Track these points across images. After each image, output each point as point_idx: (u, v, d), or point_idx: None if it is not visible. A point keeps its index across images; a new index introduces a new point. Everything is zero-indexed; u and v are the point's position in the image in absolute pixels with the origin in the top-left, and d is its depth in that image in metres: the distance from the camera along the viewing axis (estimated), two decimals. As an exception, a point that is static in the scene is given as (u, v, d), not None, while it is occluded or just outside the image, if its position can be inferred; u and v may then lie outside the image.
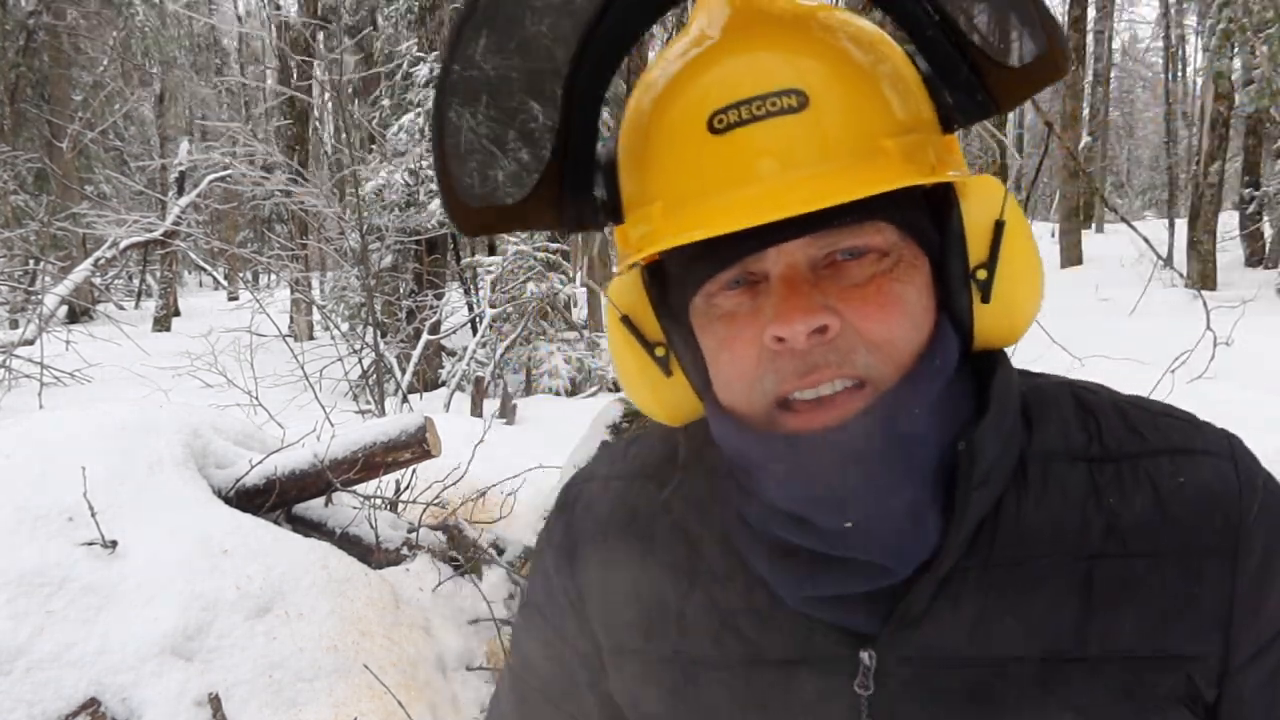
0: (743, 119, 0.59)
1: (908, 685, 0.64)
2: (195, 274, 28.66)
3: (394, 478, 3.52)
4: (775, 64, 0.60)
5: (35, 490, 2.58)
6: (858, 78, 0.61)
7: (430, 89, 10.79)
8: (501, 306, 9.32)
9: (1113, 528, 0.63)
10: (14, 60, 16.82)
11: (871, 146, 0.59)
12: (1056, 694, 0.62)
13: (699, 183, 0.60)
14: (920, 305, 0.63)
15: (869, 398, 0.61)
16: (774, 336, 0.60)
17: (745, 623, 0.69)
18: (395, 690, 2.50)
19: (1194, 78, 27.40)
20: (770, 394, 0.62)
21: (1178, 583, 0.62)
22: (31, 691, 2.20)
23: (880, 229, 0.62)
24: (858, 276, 0.61)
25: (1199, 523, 0.63)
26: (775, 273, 0.61)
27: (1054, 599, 0.62)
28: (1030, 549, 0.63)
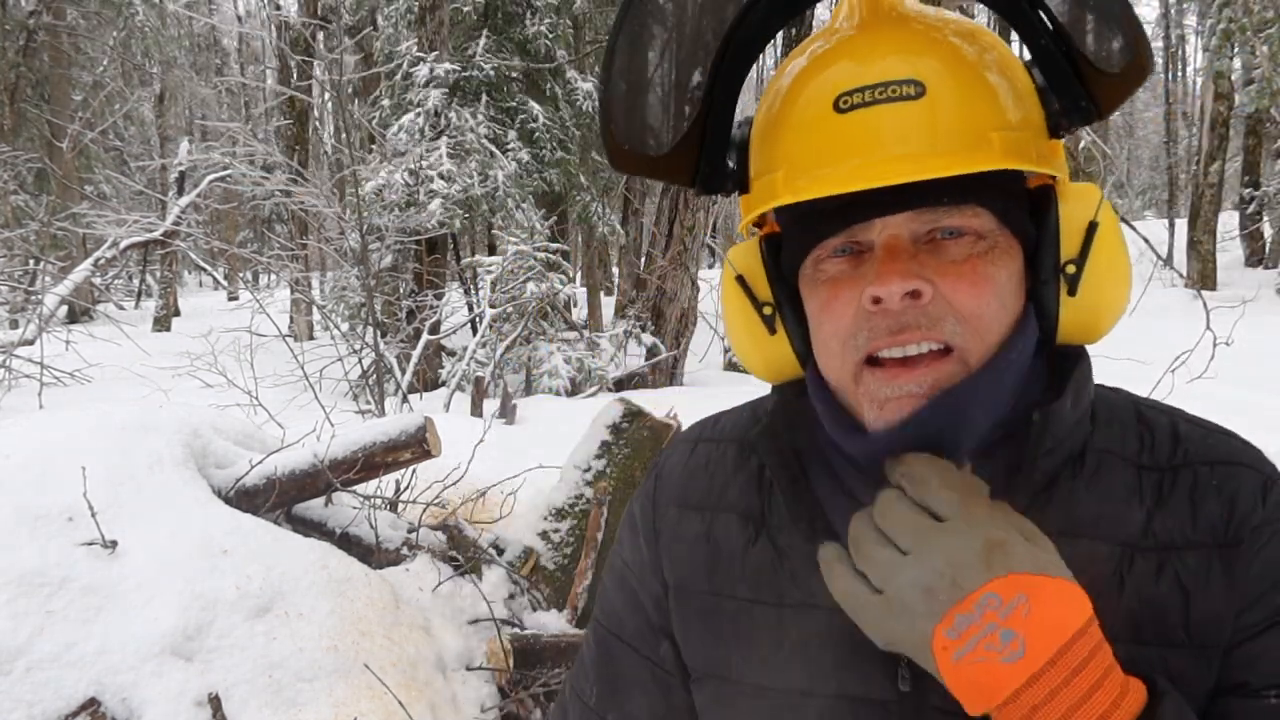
0: (865, 101, 0.65)
1: None
2: (195, 274, 28.68)
3: (394, 478, 3.52)
4: (899, 57, 0.66)
5: (35, 490, 2.58)
6: (972, 77, 0.66)
7: (430, 88, 10.81)
8: (501, 306, 9.32)
9: (1149, 525, 0.68)
10: (14, 60, 16.81)
11: (979, 137, 0.64)
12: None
13: (819, 155, 0.66)
14: (1009, 288, 0.69)
15: (953, 364, 0.66)
16: (871, 297, 0.66)
17: (802, 568, 0.74)
18: (395, 690, 2.50)
19: (1194, 78, 27.40)
20: (862, 349, 0.68)
21: (1200, 574, 0.67)
22: (31, 691, 2.20)
23: (978, 213, 0.67)
24: (955, 254, 0.67)
25: (1226, 521, 0.68)
26: (879, 241, 0.67)
27: (1090, 580, 0.65)
28: (1076, 527, 0.68)
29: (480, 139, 11.14)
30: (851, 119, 0.65)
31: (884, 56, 0.66)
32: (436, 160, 10.44)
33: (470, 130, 11.10)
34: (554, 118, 13.20)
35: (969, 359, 0.67)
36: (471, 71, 12.17)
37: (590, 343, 9.94)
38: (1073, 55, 0.67)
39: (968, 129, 0.64)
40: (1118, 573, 0.67)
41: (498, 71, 12.55)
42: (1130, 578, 0.67)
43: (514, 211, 11.11)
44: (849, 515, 0.69)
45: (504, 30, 13.26)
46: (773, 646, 0.75)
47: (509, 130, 12.35)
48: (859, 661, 0.71)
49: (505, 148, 11.92)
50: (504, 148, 11.89)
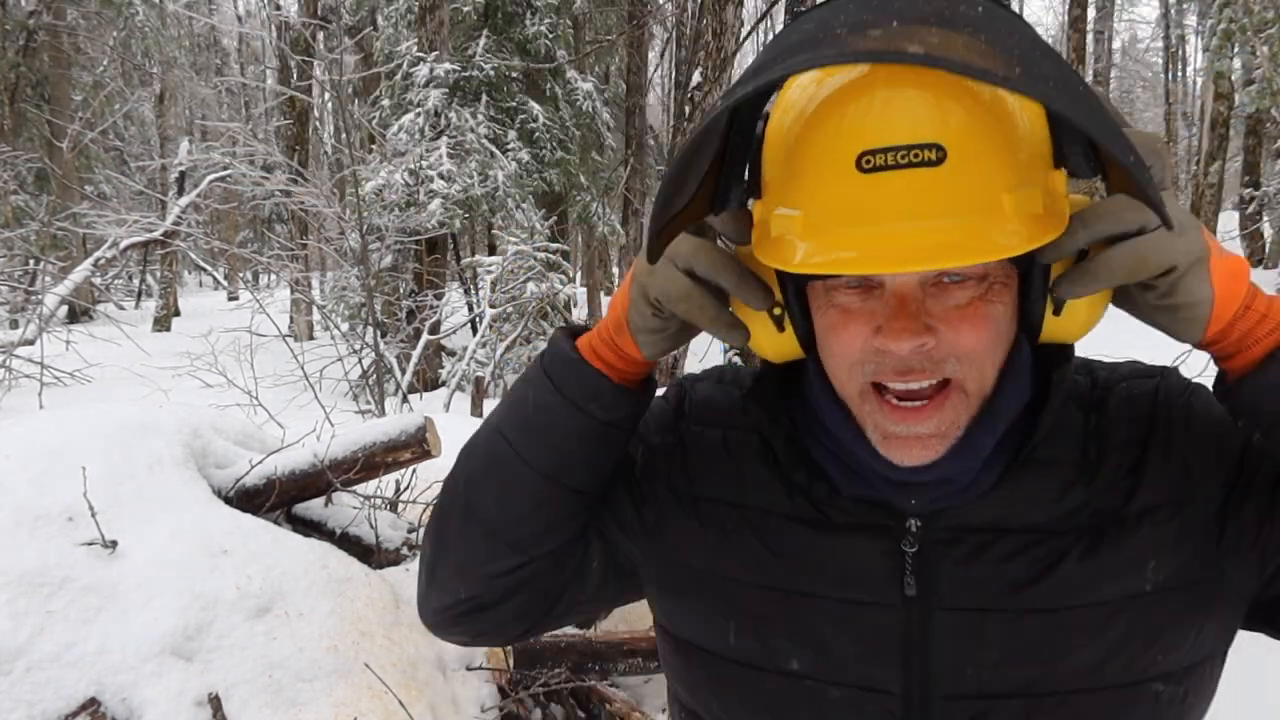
0: (888, 164, 0.67)
1: (946, 547, 0.80)
2: (195, 274, 28.68)
3: (394, 478, 3.52)
4: (921, 111, 0.67)
5: (35, 490, 2.58)
6: (987, 132, 0.68)
7: (430, 88, 10.82)
8: (501, 306, 9.32)
9: (1103, 443, 0.82)
10: (14, 60, 16.81)
11: (992, 202, 0.67)
12: (1058, 552, 0.79)
13: (842, 214, 0.69)
14: (1005, 319, 0.75)
15: (953, 395, 0.74)
16: (879, 348, 0.73)
17: (814, 494, 0.85)
18: (395, 690, 2.50)
19: (1194, 78, 27.41)
20: (869, 377, 0.75)
21: (1130, 459, 0.81)
22: (31, 691, 2.20)
23: None
24: (959, 299, 0.73)
25: (1135, 418, 0.83)
26: (891, 287, 0.73)
27: (1060, 489, 0.80)
28: (1040, 459, 0.81)
29: (480, 139, 11.15)
30: (874, 182, 0.67)
31: (904, 112, 0.67)
32: (436, 160, 10.44)
33: (470, 130, 11.10)
34: (554, 118, 13.21)
35: (967, 387, 0.75)
36: (471, 71, 12.18)
37: (590, 343, 9.92)
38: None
39: (982, 193, 0.67)
40: (1082, 476, 0.81)
41: (498, 71, 12.55)
42: (1090, 476, 0.80)
43: (514, 211, 11.12)
44: (848, 477, 0.82)
45: (504, 30, 13.26)
46: (789, 554, 0.84)
47: (509, 130, 12.36)
48: (868, 571, 0.81)
49: (505, 148, 11.93)
50: (504, 148, 11.89)
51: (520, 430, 0.87)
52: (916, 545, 0.80)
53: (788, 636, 0.83)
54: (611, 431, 0.86)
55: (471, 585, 0.90)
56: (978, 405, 0.76)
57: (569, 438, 0.85)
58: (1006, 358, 0.77)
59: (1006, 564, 0.79)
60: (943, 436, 0.75)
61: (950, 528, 0.80)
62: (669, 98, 23.49)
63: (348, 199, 9.86)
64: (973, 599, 0.79)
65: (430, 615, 0.95)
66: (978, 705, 0.79)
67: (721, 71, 8.03)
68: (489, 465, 0.89)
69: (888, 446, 0.76)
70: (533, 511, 0.87)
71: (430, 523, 0.93)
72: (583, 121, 14.21)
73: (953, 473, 0.78)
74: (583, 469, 0.87)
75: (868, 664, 0.81)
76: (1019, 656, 0.78)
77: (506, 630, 0.95)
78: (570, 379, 0.85)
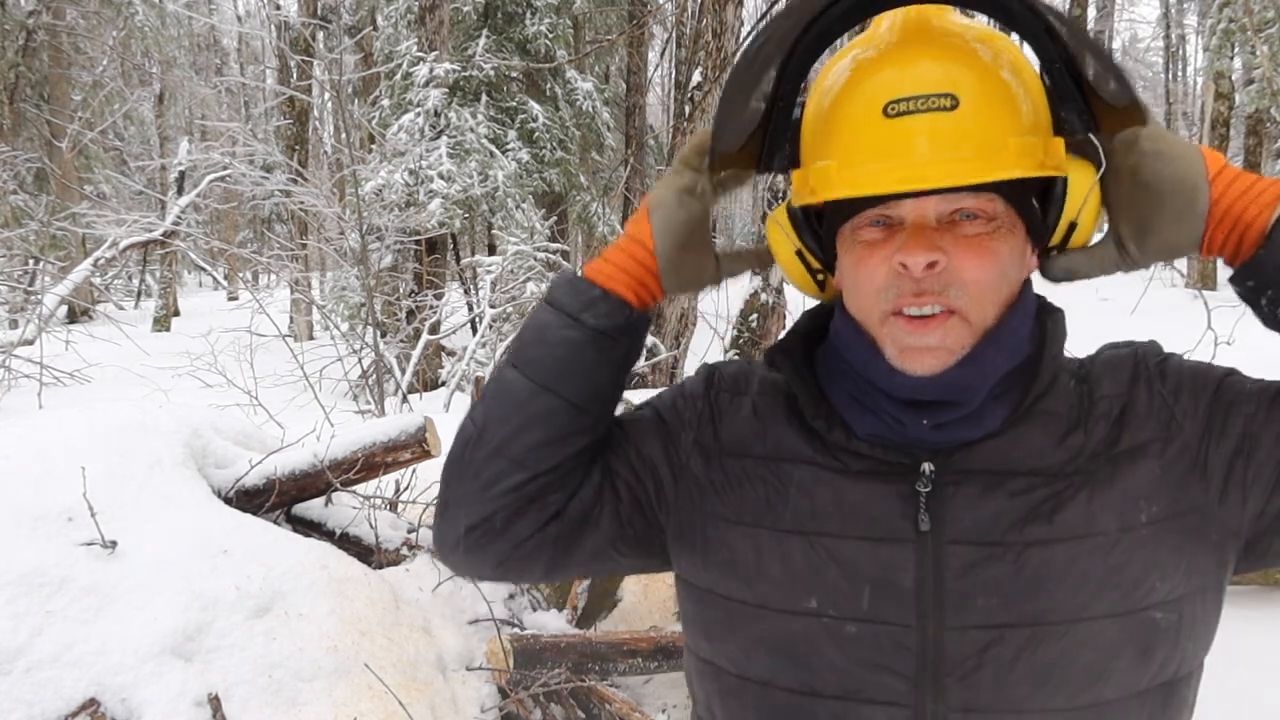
0: (909, 110, 0.80)
1: (957, 486, 0.87)
2: (195, 274, 28.66)
3: (394, 478, 3.52)
4: (937, 70, 0.81)
5: (35, 490, 2.58)
6: (996, 87, 0.82)
7: (430, 89, 10.81)
8: (501, 306, 9.32)
9: (1091, 396, 0.91)
10: (14, 60, 16.79)
11: (999, 143, 0.80)
12: (1062, 493, 0.86)
13: (870, 152, 0.82)
14: (1010, 259, 0.85)
15: (957, 321, 0.83)
16: (900, 263, 0.82)
17: (833, 443, 0.92)
18: (395, 690, 2.50)
19: (1194, 78, 27.40)
20: (890, 303, 0.84)
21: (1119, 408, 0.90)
22: (31, 691, 2.20)
23: (992, 199, 0.83)
24: (968, 232, 0.83)
25: (1119, 377, 0.92)
26: (910, 219, 0.83)
27: (1061, 435, 0.88)
28: (1047, 407, 0.90)
29: (480, 139, 11.15)
30: (897, 124, 0.80)
31: (924, 69, 0.81)
32: (436, 160, 10.44)
33: (470, 130, 11.10)
34: (554, 118, 13.21)
35: (970, 317, 0.83)
36: (471, 71, 12.18)
37: (590, 343, 9.92)
38: (1079, 78, 0.82)
39: (990, 135, 0.80)
40: (1078, 425, 0.89)
41: (498, 71, 12.55)
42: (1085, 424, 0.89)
43: (514, 211, 11.11)
44: (866, 419, 0.89)
45: (504, 30, 13.26)
46: (813, 495, 0.90)
47: (509, 130, 12.36)
48: (886, 507, 0.88)
49: (505, 148, 11.93)
50: (504, 148, 11.89)
51: (518, 351, 0.94)
52: (930, 485, 0.87)
53: (806, 576, 0.88)
54: (604, 341, 0.92)
55: (481, 506, 0.94)
56: (980, 333, 0.85)
57: (561, 346, 0.92)
58: (1013, 300, 0.87)
59: (1012, 502, 0.85)
60: (949, 350, 0.84)
61: (960, 470, 0.87)
62: (669, 98, 23.49)
63: (348, 199, 9.85)
64: (981, 533, 0.85)
65: (449, 549, 0.98)
66: (987, 635, 0.84)
67: (721, 71, 8.03)
68: (494, 391, 0.95)
69: (903, 358, 0.84)
70: (532, 424, 0.92)
71: (454, 440, 0.97)
72: (583, 121, 14.20)
73: (958, 386, 0.85)
74: (578, 379, 0.92)
75: (883, 599, 0.86)
76: (1024, 588, 0.84)
77: (529, 557, 0.96)
78: (565, 293, 0.93)
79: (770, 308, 7.96)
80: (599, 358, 0.93)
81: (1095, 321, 10.37)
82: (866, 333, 0.88)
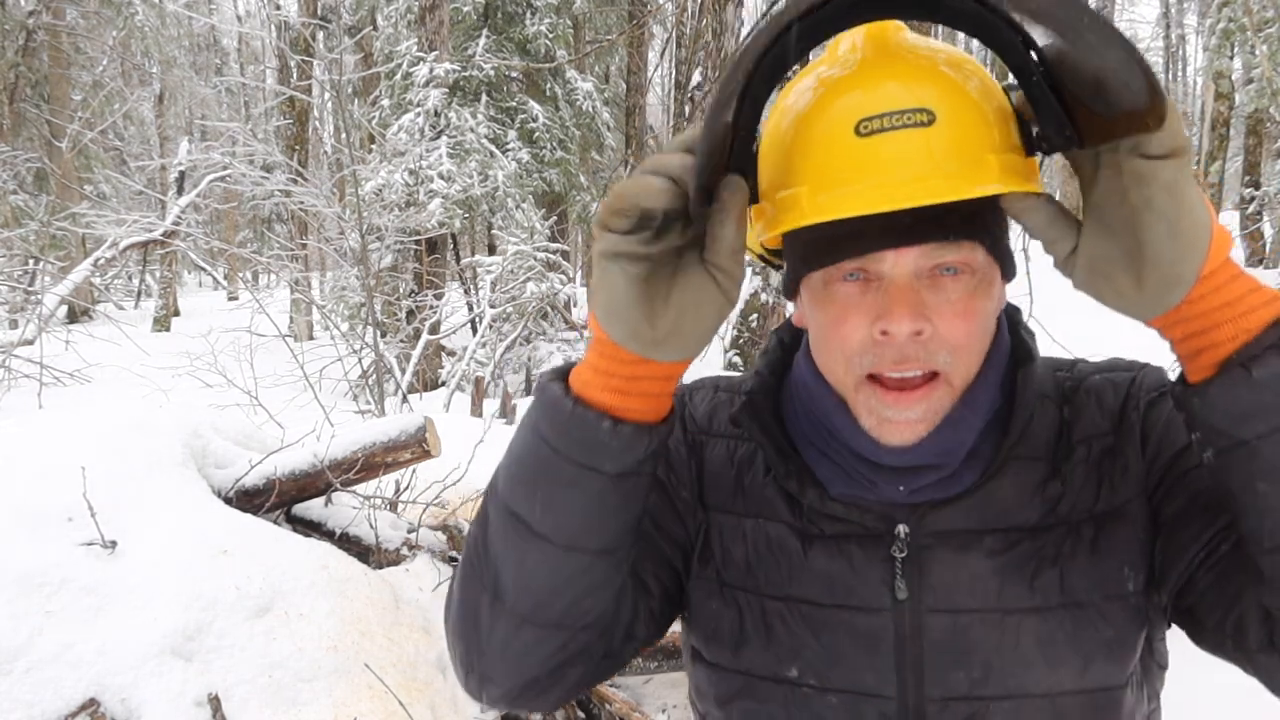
0: (883, 127, 0.73)
1: (934, 550, 0.83)
2: (195, 274, 28.67)
3: (394, 478, 3.51)
4: (907, 88, 0.74)
5: (35, 490, 2.58)
6: (968, 104, 0.75)
7: (430, 88, 10.81)
8: (501, 306, 9.32)
9: (1068, 436, 0.86)
10: (14, 60, 16.80)
11: (978, 159, 0.73)
12: (1041, 552, 0.83)
13: (842, 174, 0.74)
14: (990, 312, 0.80)
15: (941, 387, 0.79)
16: (882, 330, 0.76)
17: (805, 506, 0.87)
18: (395, 690, 2.50)
19: (1194, 78, 27.39)
20: (866, 369, 0.79)
21: (1103, 450, 0.85)
22: (31, 692, 2.20)
23: (974, 249, 0.77)
24: (952, 293, 0.77)
25: (1112, 406, 0.87)
26: (891, 275, 0.76)
27: (1038, 486, 0.84)
28: (1026, 453, 0.85)
29: (480, 139, 11.15)
30: (871, 143, 0.73)
31: (894, 87, 0.74)
32: (436, 160, 10.44)
33: (470, 130, 11.10)
34: (554, 118, 13.21)
35: (954, 381, 0.79)
36: (471, 71, 12.18)
37: (590, 343, 9.93)
38: (1059, 89, 0.70)
39: (968, 151, 0.73)
40: (1054, 475, 0.85)
41: (498, 71, 12.55)
42: (1063, 475, 0.84)
43: (514, 211, 11.11)
44: (838, 477, 0.85)
45: (504, 30, 13.26)
46: (788, 561, 0.87)
47: (509, 130, 12.36)
48: (860, 579, 0.84)
49: (505, 148, 11.93)
50: (504, 148, 11.89)
51: (526, 498, 0.78)
52: (905, 550, 0.83)
53: (787, 644, 0.86)
54: (627, 482, 0.77)
55: (518, 675, 0.83)
56: (960, 394, 0.80)
57: (579, 501, 0.76)
58: (991, 351, 0.83)
59: (991, 563, 0.82)
60: (928, 422, 0.80)
61: (936, 532, 0.83)
62: (669, 98, 23.49)
63: (347, 199, 9.85)
64: (961, 600, 0.82)
65: (488, 702, 0.89)
66: (970, 706, 0.81)
67: (722, 71, 8.02)
68: (505, 537, 0.79)
69: (881, 430, 0.80)
70: (561, 586, 0.79)
71: (458, 593, 0.84)
72: (583, 121, 14.20)
73: (936, 452, 0.81)
74: (604, 529, 0.78)
75: (863, 669, 0.84)
76: (1008, 660, 0.81)
77: (576, 690, 0.89)
78: (567, 432, 0.75)
79: (770, 308, 7.97)
80: (626, 497, 0.78)
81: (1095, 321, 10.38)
82: (836, 391, 0.83)
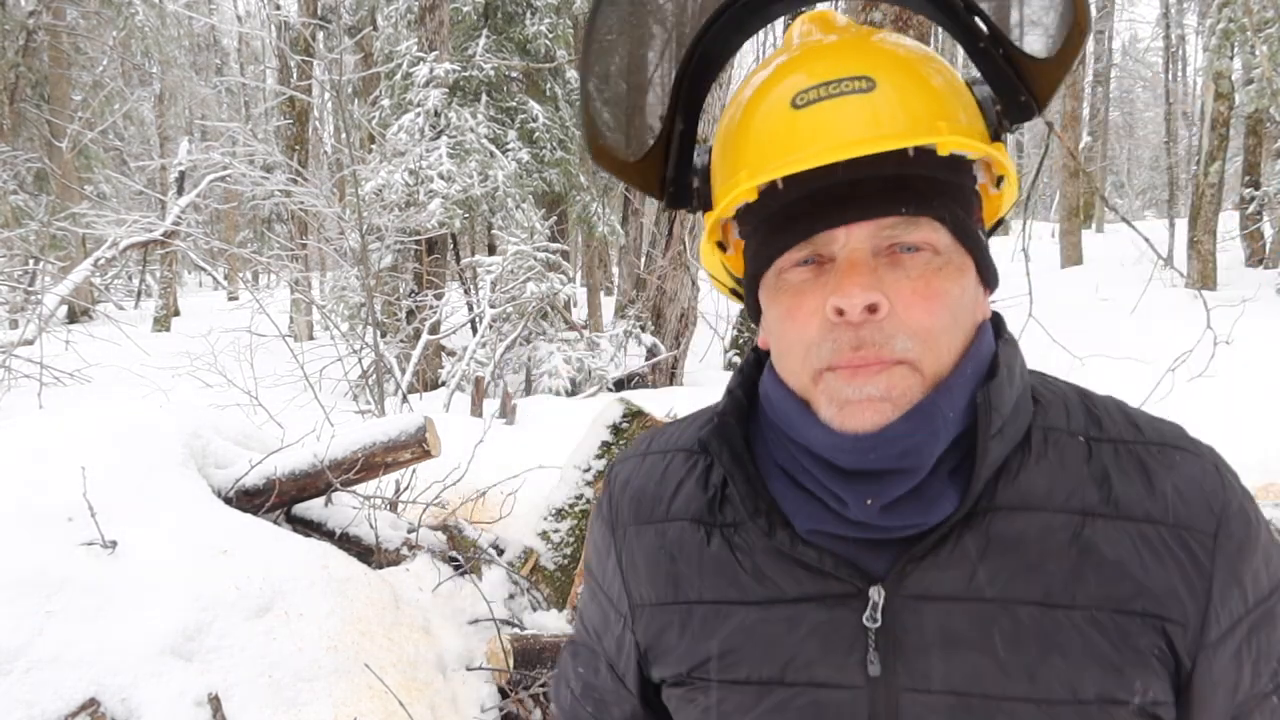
0: (820, 96, 0.69)
1: (913, 620, 0.72)
2: (195, 274, 28.66)
3: (394, 478, 3.52)
4: (853, 59, 0.71)
5: (35, 490, 2.58)
6: (918, 78, 0.71)
7: (430, 88, 10.81)
8: (501, 306, 9.32)
9: (1106, 493, 0.73)
10: (14, 60, 16.79)
11: (928, 125, 0.69)
12: (1046, 637, 0.70)
13: (778, 148, 0.70)
14: (963, 302, 0.72)
15: (905, 369, 0.70)
16: (834, 307, 0.69)
17: (764, 561, 0.77)
18: (395, 690, 2.50)
19: (1194, 78, 27.40)
20: (825, 360, 0.71)
21: (1162, 550, 0.71)
22: (31, 692, 2.20)
23: (935, 228, 0.71)
24: (911, 270, 0.70)
25: (1185, 504, 0.72)
26: (842, 254, 0.70)
27: (1047, 550, 0.71)
28: (1028, 501, 0.73)
29: (480, 139, 11.14)
30: (808, 113, 0.69)
31: (840, 60, 0.71)
32: (436, 160, 10.43)
33: (470, 130, 11.10)
34: (554, 118, 13.19)
35: (922, 368, 0.70)
36: (471, 71, 12.17)
37: (590, 343, 9.94)
38: (1010, 55, 0.71)
39: (918, 117, 0.69)
40: (1075, 538, 0.71)
41: (498, 71, 12.55)
42: (1090, 541, 0.71)
43: (514, 211, 11.11)
44: (805, 508, 0.75)
45: (504, 30, 13.25)
46: (743, 640, 0.77)
47: (509, 130, 12.35)
48: (827, 651, 0.74)
49: (505, 148, 11.92)
50: (504, 148, 11.89)
51: None
52: (879, 620, 0.73)
53: None
54: None
55: None
56: (932, 384, 0.71)
57: None
58: (966, 351, 0.73)
59: (980, 639, 0.71)
60: (893, 402, 0.70)
61: (915, 596, 0.72)
62: (669, 98, 23.40)
63: (348, 199, 9.85)
64: (943, 680, 0.71)
65: None
66: None
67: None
68: None
69: (842, 415, 0.71)
70: None
71: None
72: (583, 121, 14.16)
73: (905, 446, 0.70)
74: None
75: None
76: None
77: None
78: None
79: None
80: None
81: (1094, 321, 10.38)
82: (799, 396, 0.75)
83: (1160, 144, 28.36)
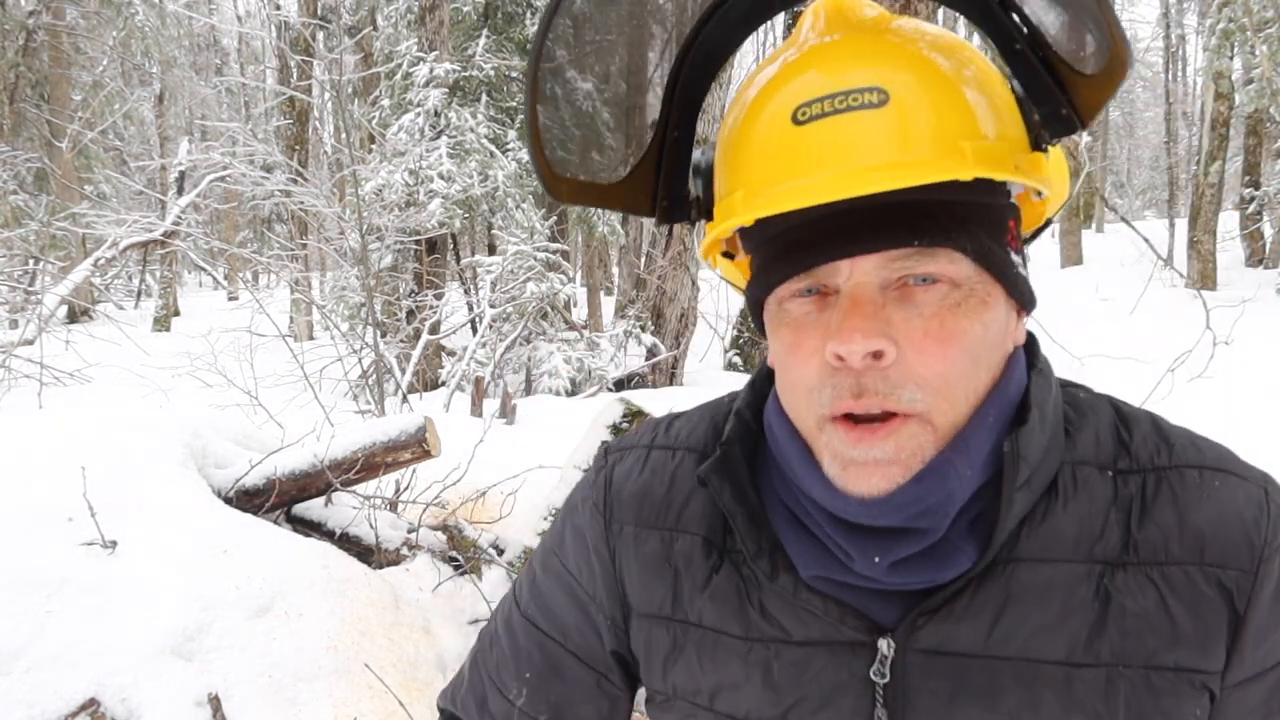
0: (824, 111, 0.61)
1: (924, 677, 0.66)
2: (195, 274, 28.66)
3: (394, 478, 3.52)
4: (865, 66, 0.62)
5: (35, 490, 2.58)
6: (941, 84, 0.62)
7: (430, 88, 10.81)
8: (501, 306, 9.32)
9: (1127, 538, 0.66)
10: (14, 60, 16.79)
11: (949, 146, 0.60)
12: (1068, 697, 0.64)
13: (778, 171, 0.62)
14: (985, 342, 0.64)
15: (915, 426, 0.63)
16: (834, 354, 0.62)
17: (770, 602, 0.71)
18: (395, 690, 2.50)
19: (1194, 78, 27.40)
20: (826, 407, 0.64)
21: (1193, 595, 0.64)
22: (31, 692, 2.20)
23: (954, 259, 0.63)
24: (924, 307, 0.62)
25: (1220, 538, 0.65)
26: (845, 288, 0.63)
27: (1070, 604, 0.65)
28: (1051, 552, 0.66)
29: (480, 139, 11.14)
30: (810, 131, 0.61)
31: (849, 66, 0.63)
32: (436, 160, 10.43)
33: (470, 130, 11.10)
34: (554, 118, 13.18)
35: (934, 419, 0.63)
36: (471, 71, 12.17)
37: (590, 343, 9.94)
38: (1050, 62, 0.63)
39: (935, 137, 0.60)
40: (1100, 591, 0.65)
41: (498, 71, 12.54)
42: (1110, 593, 0.65)
43: (514, 211, 11.11)
44: (809, 551, 0.68)
45: (504, 30, 13.25)
46: (743, 677, 0.72)
47: (509, 130, 12.35)
48: (835, 697, 0.69)
49: (505, 148, 11.92)
50: (504, 148, 11.88)
51: None
52: (888, 675, 0.67)
53: None
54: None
55: None
56: (947, 438, 0.64)
57: None
58: (993, 388, 0.66)
59: (999, 700, 0.65)
60: (902, 465, 0.63)
61: (927, 651, 0.66)
62: (669, 98, 23.40)
63: (348, 199, 9.85)
64: None
65: None
66: None
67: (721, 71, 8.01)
68: None
69: (845, 476, 0.64)
70: None
71: None
72: (583, 122, 14.17)
73: (917, 510, 0.64)
74: None
75: None
76: None
77: None
78: None
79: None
80: None
81: (1094, 321, 10.37)
82: (802, 435, 0.69)
83: (1160, 144, 28.37)
